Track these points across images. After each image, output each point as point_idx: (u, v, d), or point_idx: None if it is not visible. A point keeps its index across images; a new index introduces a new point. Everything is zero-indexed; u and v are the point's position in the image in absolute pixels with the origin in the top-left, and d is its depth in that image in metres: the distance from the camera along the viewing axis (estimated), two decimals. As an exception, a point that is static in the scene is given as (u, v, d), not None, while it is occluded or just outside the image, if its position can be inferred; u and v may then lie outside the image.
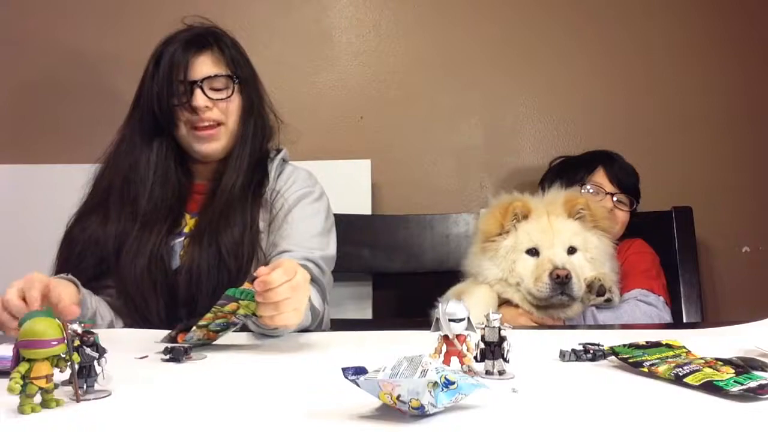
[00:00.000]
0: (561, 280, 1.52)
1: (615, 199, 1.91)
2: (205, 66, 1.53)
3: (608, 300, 1.59)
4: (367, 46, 2.31)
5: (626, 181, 1.95)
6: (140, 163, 1.54)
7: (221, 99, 1.54)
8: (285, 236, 1.51)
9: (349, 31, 2.31)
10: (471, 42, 2.30)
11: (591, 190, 1.90)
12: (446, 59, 2.30)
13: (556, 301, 1.55)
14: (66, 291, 1.26)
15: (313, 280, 1.45)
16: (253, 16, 2.26)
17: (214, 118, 1.54)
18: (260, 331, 1.25)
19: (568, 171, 1.98)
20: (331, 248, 1.57)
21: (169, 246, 1.50)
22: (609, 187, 1.92)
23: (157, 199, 1.52)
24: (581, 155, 2.04)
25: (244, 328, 1.27)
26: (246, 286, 1.11)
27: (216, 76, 1.54)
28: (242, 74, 1.58)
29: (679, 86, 2.29)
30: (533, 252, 1.60)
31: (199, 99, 1.51)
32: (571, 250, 1.60)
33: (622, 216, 1.93)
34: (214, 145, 1.55)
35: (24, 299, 1.18)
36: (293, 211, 1.55)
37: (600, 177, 1.93)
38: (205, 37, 1.56)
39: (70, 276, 1.36)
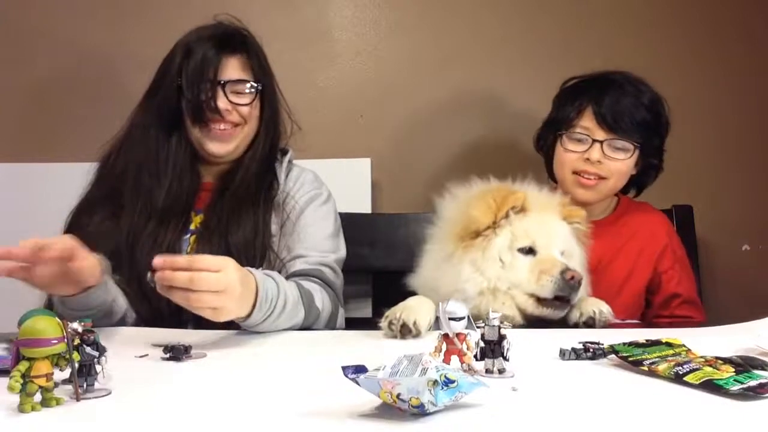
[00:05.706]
0: (573, 284, 1.30)
1: (607, 145, 1.56)
2: (233, 69, 1.54)
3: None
4: (367, 45, 2.30)
5: (625, 120, 1.55)
6: (157, 155, 1.53)
7: (242, 104, 1.54)
8: (299, 240, 1.53)
9: (348, 29, 2.31)
10: (471, 40, 2.29)
11: (579, 137, 1.58)
12: (446, 57, 2.29)
13: (555, 302, 1.32)
14: (89, 262, 1.23)
15: (328, 284, 1.49)
16: (253, 15, 2.22)
17: (233, 121, 1.54)
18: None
19: (565, 103, 1.65)
20: (342, 250, 1.59)
21: (180, 243, 1.51)
22: (598, 134, 1.56)
23: (175, 194, 1.52)
24: (581, 81, 1.68)
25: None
26: None
27: (242, 80, 1.53)
28: (265, 81, 1.58)
29: (679, 85, 2.28)
30: (527, 251, 1.36)
31: (221, 101, 1.51)
32: (562, 255, 1.38)
33: (617, 166, 1.58)
34: (227, 145, 1.55)
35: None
36: (304, 215, 1.56)
37: (587, 120, 1.57)
38: (236, 39, 1.56)
39: (101, 257, 1.32)
